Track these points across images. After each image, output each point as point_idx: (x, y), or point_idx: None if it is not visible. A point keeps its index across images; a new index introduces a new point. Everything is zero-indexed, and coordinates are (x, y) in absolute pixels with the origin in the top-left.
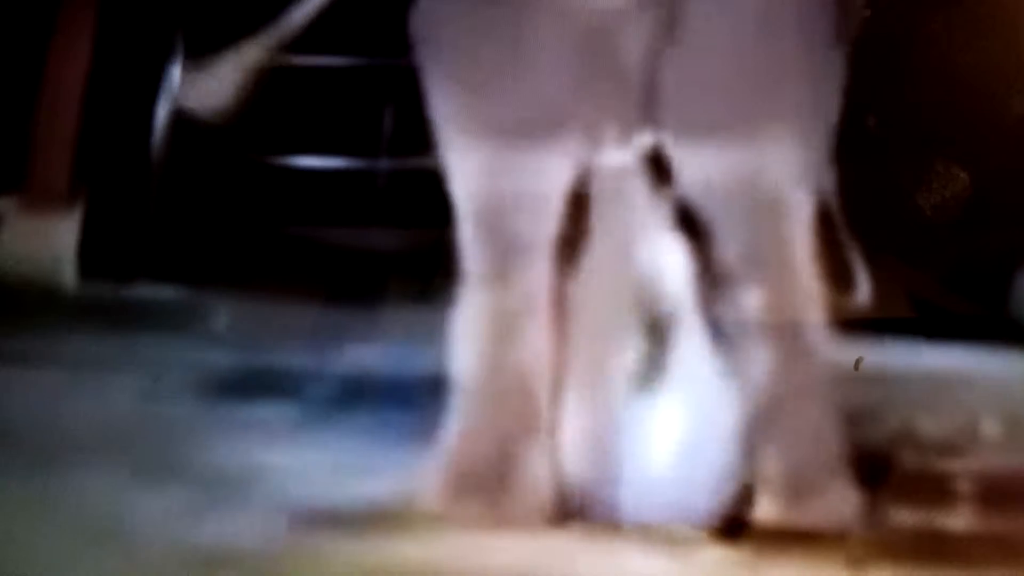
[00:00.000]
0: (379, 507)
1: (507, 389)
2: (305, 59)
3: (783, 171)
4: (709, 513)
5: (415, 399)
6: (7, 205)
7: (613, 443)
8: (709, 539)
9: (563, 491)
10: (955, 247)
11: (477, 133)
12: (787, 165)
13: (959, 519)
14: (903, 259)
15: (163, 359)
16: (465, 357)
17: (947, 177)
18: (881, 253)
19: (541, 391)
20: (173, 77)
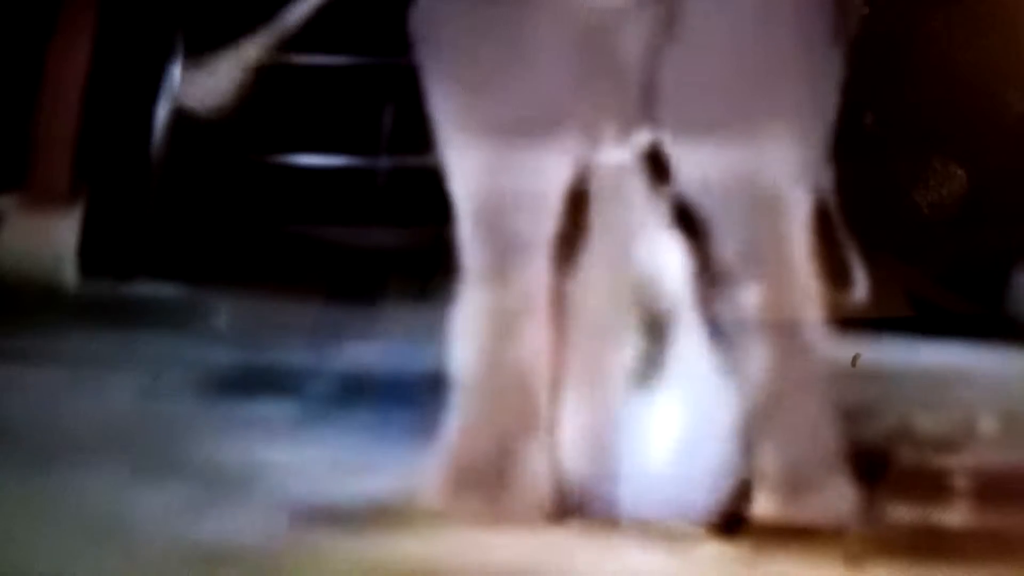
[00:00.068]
0: (379, 504)
1: (506, 386)
2: (305, 58)
3: (781, 169)
4: (707, 509)
5: (415, 396)
6: (8, 203)
7: (612, 440)
8: (707, 535)
9: (562, 488)
10: (952, 245)
11: (476, 131)
12: (785, 163)
13: (956, 515)
14: (900, 257)
15: (163, 357)
16: (464, 354)
17: (945, 175)
18: (878, 251)
19: (540, 388)
20: (173, 76)
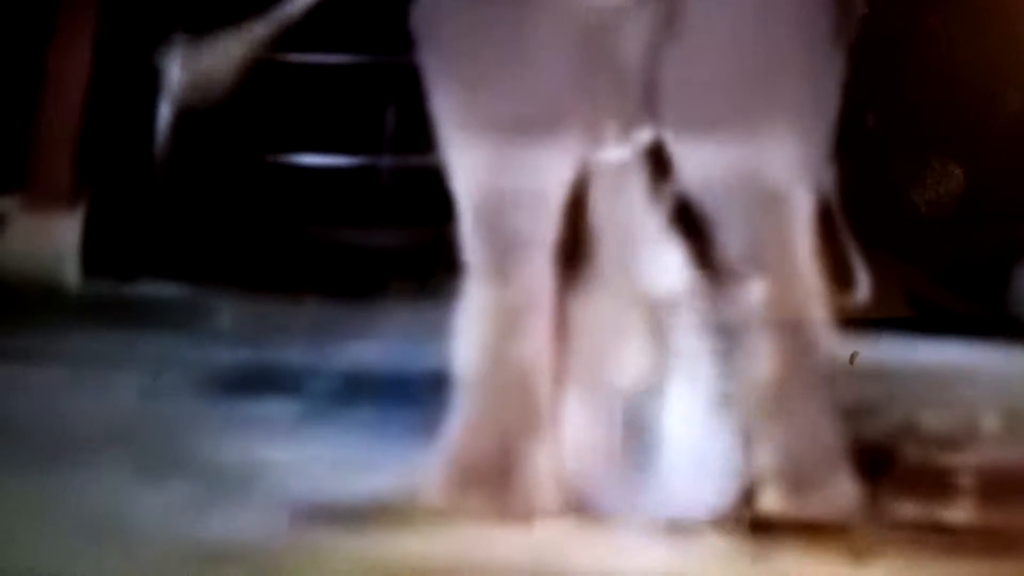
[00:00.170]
0: (381, 502)
1: (508, 384)
2: (307, 57)
3: (783, 167)
4: (711, 506)
5: (416, 395)
6: (10, 204)
7: (615, 437)
8: (711, 532)
9: (565, 485)
10: (951, 244)
11: (477, 130)
12: (787, 161)
13: (959, 512)
14: (900, 256)
15: (165, 356)
16: (467, 352)
17: (943, 174)
18: (877, 250)
19: (542, 386)
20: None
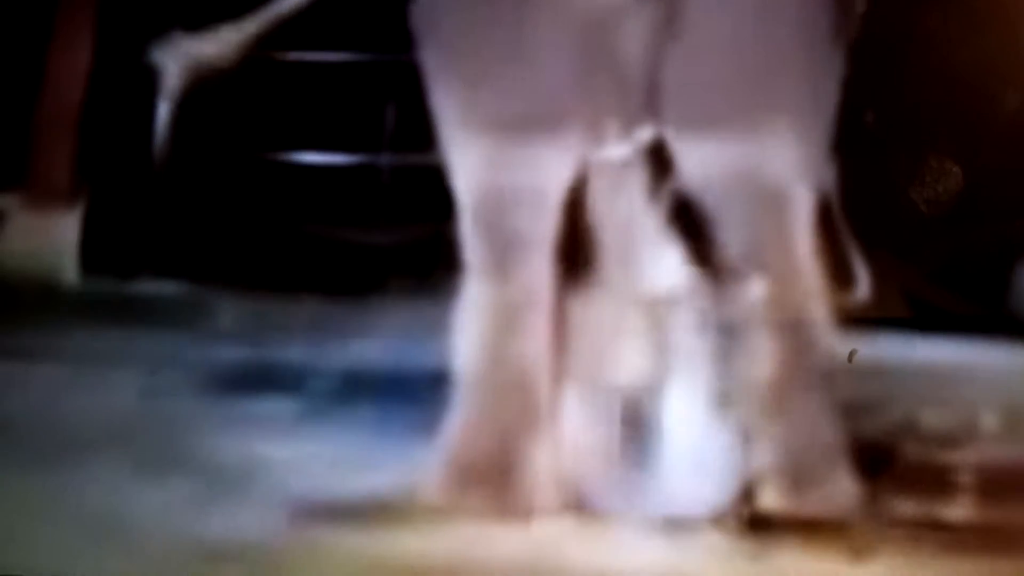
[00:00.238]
0: (381, 500)
1: (508, 382)
2: (307, 55)
3: (783, 166)
4: (710, 504)
5: (416, 393)
6: (10, 202)
7: (614, 435)
8: (710, 530)
9: (564, 483)
10: (950, 243)
11: (478, 128)
12: (787, 160)
13: (958, 510)
14: (898, 255)
15: (166, 354)
16: (466, 350)
17: (942, 172)
18: (876, 249)
19: (542, 384)
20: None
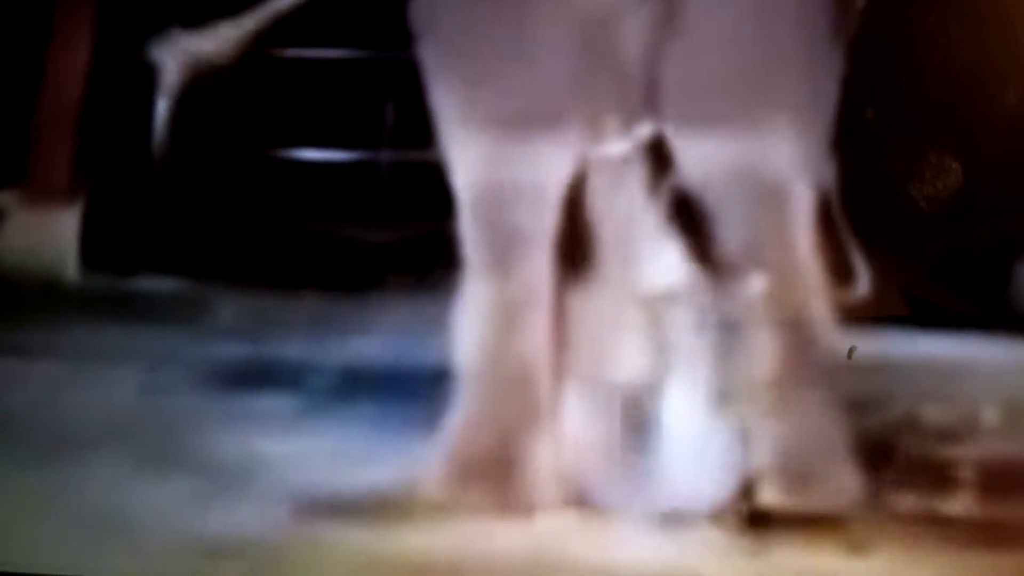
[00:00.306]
0: (382, 496)
1: (509, 378)
2: (305, 52)
3: (784, 162)
4: (710, 500)
5: (417, 389)
6: (9, 199)
7: (614, 432)
8: (710, 525)
9: (565, 478)
10: (951, 239)
11: (478, 125)
12: (788, 156)
13: (959, 505)
14: (897, 253)
15: (166, 351)
16: (467, 346)
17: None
18: (874, 247)
19: (543, 380)
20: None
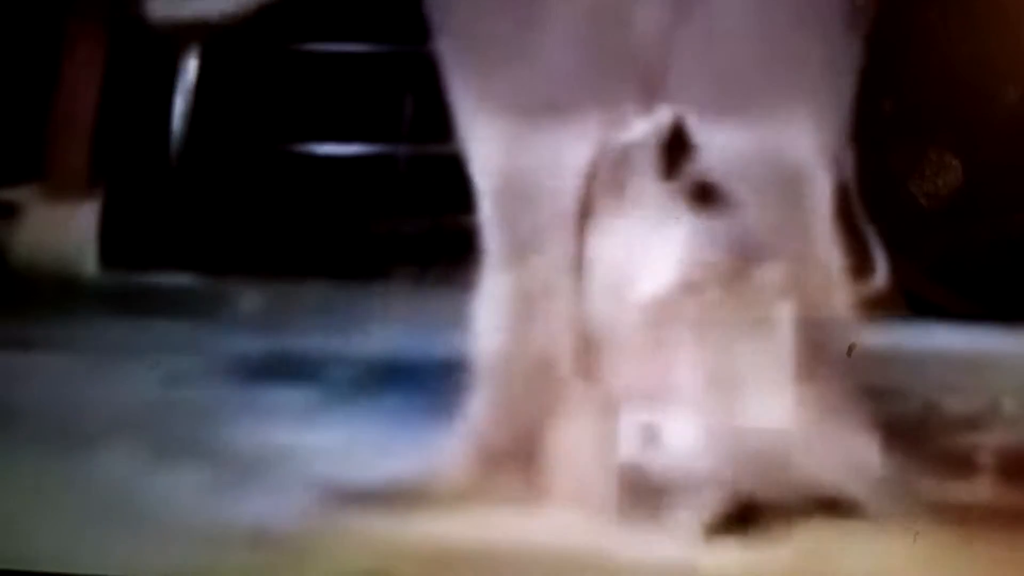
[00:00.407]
0: (403, 485)
1: (531, 367)
2: (324, 46)
3: (803, 149)
4: (732, 494)
5: (439, 380)
6: (27, 194)
7: (637, 422)
8: (741, 520)
9: (590, 470)
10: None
11: (495, 115)
12: (806, 144)
13: (980, 492)
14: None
15: (186, 344)
16: (487, 336)
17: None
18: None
19: (563, 371)
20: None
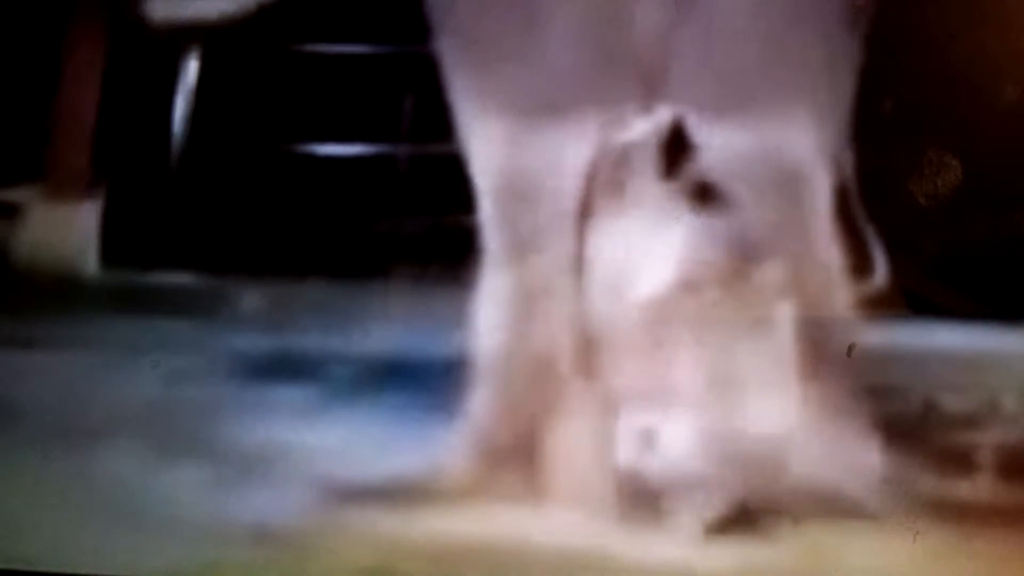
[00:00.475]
0: (406, 482)
1: (532, 365)
2: (324, 47)
3: (803, 149)
4: (732, 496)
5: (441, 378)
6: (29, 194)
7: (638, 421)
8: (741, 519)
9: (590, 468)
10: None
11: (495, 115)
12: (807, 143)
13: (980, 490)
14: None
15: (186, 344)
16: (488, 336)
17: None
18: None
19: (564, 369)
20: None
